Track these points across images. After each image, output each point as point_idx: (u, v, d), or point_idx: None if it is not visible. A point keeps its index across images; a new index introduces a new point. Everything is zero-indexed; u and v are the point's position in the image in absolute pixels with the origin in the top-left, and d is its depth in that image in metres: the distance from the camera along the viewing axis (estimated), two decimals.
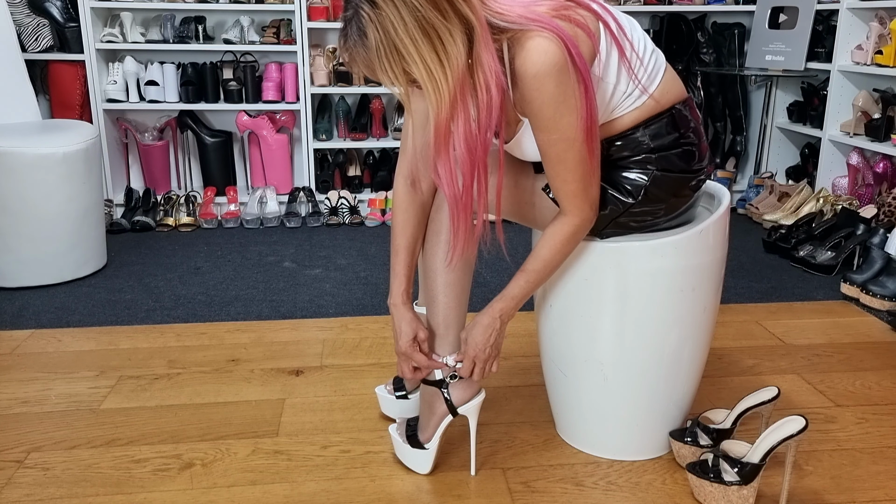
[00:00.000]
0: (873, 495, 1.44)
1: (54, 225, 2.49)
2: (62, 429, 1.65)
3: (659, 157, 1.37)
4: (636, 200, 1.37)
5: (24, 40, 3.12)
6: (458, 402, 1.45)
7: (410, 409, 1.65)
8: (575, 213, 1.32)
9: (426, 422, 1.48)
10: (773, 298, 2.44)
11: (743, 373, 1.93)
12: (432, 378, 1.46)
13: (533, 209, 1.45)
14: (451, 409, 1.45)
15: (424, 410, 1.49)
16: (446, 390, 1.44)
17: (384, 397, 1.67)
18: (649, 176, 1.37)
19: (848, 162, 3.21)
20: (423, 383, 1.47)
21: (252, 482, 1.46)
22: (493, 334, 1.39)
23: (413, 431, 1.50)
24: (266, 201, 3.37)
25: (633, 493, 1.44)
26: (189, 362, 1.97)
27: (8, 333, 2.14)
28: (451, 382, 1.44)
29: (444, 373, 1.44)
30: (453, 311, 1.44)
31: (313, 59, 3.37)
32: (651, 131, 1.36)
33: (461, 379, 1.44)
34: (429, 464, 1.48)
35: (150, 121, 3.49)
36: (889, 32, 2.94)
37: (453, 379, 1.44)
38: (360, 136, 3.46)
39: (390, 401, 1.66)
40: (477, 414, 1.47)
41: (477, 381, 1.44)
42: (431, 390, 1.46)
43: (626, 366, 1.47)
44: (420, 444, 1.47)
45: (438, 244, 1.42)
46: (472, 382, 1.46)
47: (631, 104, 1.35)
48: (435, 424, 1.46)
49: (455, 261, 1.38)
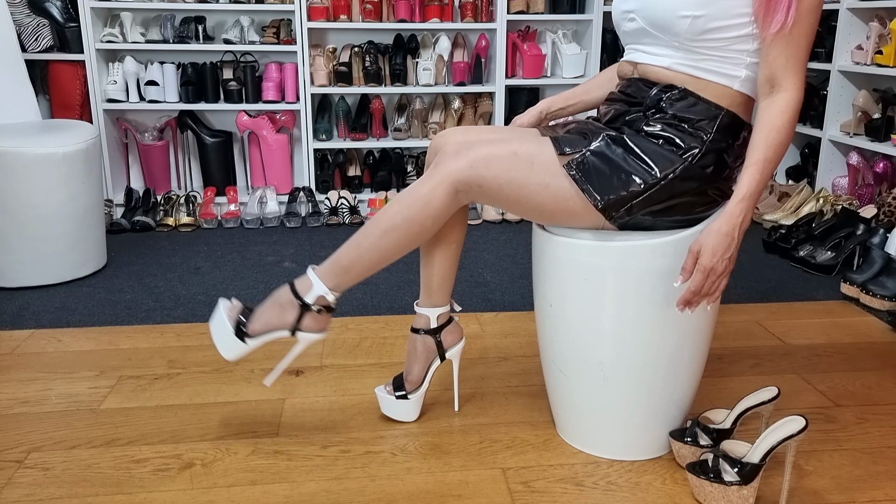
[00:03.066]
0: (873, 495, 1.44)
1: (54, 225, 2.49)
2: (62, 429, 1.65)
3: (707, 150, 1.36)
4: (661, 178, 1.36)
5: (24, 40, 3.12)
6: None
7: (411, 410, 1.66)
8: (794, 88, 1.31)
9: (412, 367, 1.64)
10: (773, 298, 2.44)
11: (743, 373, 1.93)
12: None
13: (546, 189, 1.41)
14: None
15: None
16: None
17: (384, 398, 1.67)
18: (681, 163, 1.36)
19: (848, 162, 3.21)
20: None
21: (252, 482, 1.46)
22: (732, 244, 1.33)
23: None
24: (266, 201, 3.37)
25: (633, 493, 1.44)
26: (189, 362, 1.97)
27: (8, 333, 2.15)
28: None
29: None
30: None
31: (313, 59, 3.37)
32: (724, 121, 1.37)
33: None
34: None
35: (150, 121, 3.49)
36: (889, 32, 2.94)
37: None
38: (360, 136, 3.46)
39: (390, 401, 1.66)
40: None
41: (706, 297, 1.35)
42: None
43: (626, 366, 1.47)
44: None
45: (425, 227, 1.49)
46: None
47: (753, 71, 1.36)
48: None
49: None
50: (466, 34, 3.57)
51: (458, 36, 3.54)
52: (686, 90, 1.38)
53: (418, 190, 1.42)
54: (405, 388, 1.65)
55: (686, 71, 1.38)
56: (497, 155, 1.40)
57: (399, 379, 1.67)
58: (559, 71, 3.56)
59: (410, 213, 1.42)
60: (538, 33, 3.59)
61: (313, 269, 1.51)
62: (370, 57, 3.38)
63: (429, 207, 1.41)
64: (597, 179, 1.38)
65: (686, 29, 1.33)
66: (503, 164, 1.40)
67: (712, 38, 1.34)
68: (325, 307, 1.50)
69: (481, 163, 1.39)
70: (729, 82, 1.37)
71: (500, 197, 1.43)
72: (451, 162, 1.41)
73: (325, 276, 1.49)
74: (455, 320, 1.65)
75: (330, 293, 1.49)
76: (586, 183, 1.38)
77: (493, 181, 1.40)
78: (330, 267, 1.49)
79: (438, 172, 1.41)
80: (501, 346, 2.05)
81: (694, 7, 1.31)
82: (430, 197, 1.41)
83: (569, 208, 1.41)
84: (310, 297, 1.49)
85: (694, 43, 1.35)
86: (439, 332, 1.62)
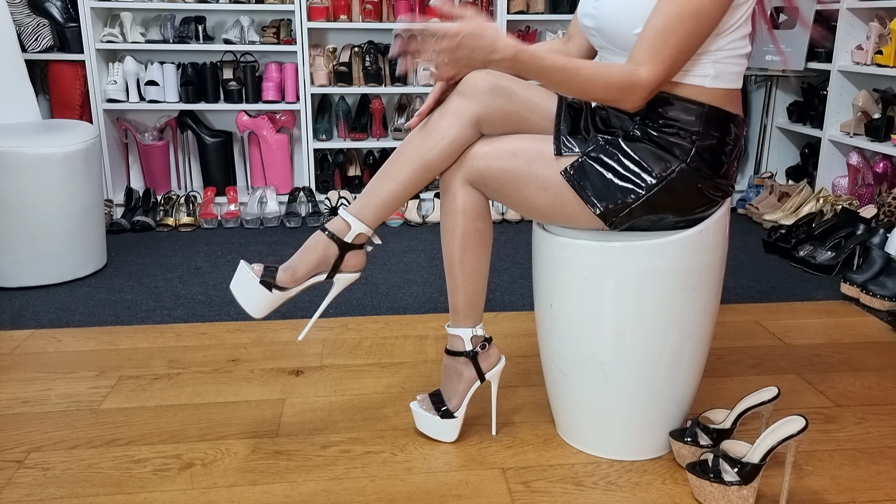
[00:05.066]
0: (873, 495, 1.44)
1: (54, 225, 2.49)
2: (62, 429, 1.65)
3: (698, 149, 1.36)
4: (658, 182, 1.36)
5: (24, 40, 3.12)
6: (485, 369, 1.57)
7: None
8: (642, 65, 1.28)
9: (453, 391, 1.58)
10: (773, 298, 2.44)
11: (743, 373, 1.93)
12: (461, 349, 1.55)
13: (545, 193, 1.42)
14: (479, 375, 1.56)
15: (450, 381, 1.58)
16: (476, 358, 1.56)
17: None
18: (676, 164, 1.36)
19: (848, 162, 3.21)
20: (449, 354, 1.57)
21: (252, 482, 1.46)
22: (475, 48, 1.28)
23: (441, 404, 1.59)
24: (266, 201, 3.37)
25: (633, 493, 1.44)
26: (189, 362, 1.97)
27: (8, 333, 2.15)
28: (479, 352, 1.55)
29: (473, 343, 1.55)
30: (474, 296, 1.53)
31: (313, 59, 3.37)
32: (708, 116, 1.36)
33: (486, 350, 1.56)
34: (456, 431, 1.59)
35: (150, 121, 3.49)
36: (889, 32, 2.94)
37: (482, 349, 1.55)
38: (360, 136, 3.46)
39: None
40: (499, 378, 1.60)
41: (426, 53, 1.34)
42: (460, 360, 1.56)
43: (626, 366, 1.47)
44: (451, 414, 1.58)
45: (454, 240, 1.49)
46: (493, 352, 1.58)
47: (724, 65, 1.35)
48: (463, 392, 1.57)
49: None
50: None
51: None
52: (662, 94, 1.37)
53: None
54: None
55: None
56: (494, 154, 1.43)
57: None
58: None
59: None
60: (538, 33, 3.59)
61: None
62: (370, 57, 3.38)
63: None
64: (595, 185, 1.38)
65: None
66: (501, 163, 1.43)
67: None
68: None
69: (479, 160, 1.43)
70: (700, 81, 1.36)
71: (503, 195, 1.46)
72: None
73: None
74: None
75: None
76: (584, 190, 1.39)
77: (495, 180, 1.44)
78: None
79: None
80: (501, 346, 2.05)
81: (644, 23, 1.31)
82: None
83: (567, 212, 1.42)
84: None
85: None
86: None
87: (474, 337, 1.54)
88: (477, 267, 1.51)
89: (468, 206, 1.46)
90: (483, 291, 1.53)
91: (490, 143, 1.43)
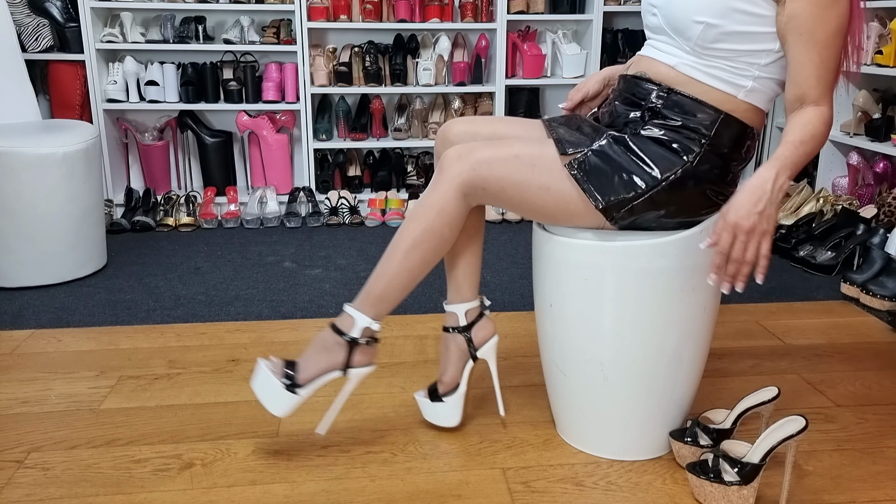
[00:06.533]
0: (873, 495, 1.44)
1: (54, 225, 2.49)
2: (62, 429, 1.65)
3: (707, 151, 1.36)
4: (661, 181, 1.36)
5: (24, 40, 3.12)
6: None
7: (450, 413, 1.61)
8: (827, 103, 1.30)
9: (446, 367, 1.59)
10: (773, 298, 2.44)
11: (743, 373, 1.93)
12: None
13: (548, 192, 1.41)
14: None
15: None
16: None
17: (421, 401, 1.64)
18: (682, 165, 1.36)
19: (848, 162, 3.21)
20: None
21: (252, 482, 1.46)
22: (764, 198, 1.24)
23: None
24: (266, 201, 3.37)
25: (633, 493, 1.44)
26: (189, 362, 1.97)
27: (8, 333, 2.14)
28: (361, 345, 1.48)
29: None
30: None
31: (313, 59, 3.37)
32: (724, 122, 1.36)
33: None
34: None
35: (150, 121, 3.49)
36: (889, 32, 2.94)
37: (367, 344, 1.49)
38: (360, 136, 3.46)
39: (427, 405, 1.63)
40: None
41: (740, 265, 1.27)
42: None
43: (626, 366, 1.47)
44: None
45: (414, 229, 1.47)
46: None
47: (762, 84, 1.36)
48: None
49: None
50: (466, 34, 3.57)
51: (458, 36, 3.54)
52: (684, 94, 1.37)
53: (428, 200, 1.43)
54: (439, 390, 1.61)
55: (690, 74, 1.37)
56: (499, 157, 1.41)
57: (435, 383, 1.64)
58: (559, 71, 3.56)
59: (426, 224, 1.42)
60: (538, 33, 3.59)
61: (349, 305, 1.49)
62: (370, 57, 3.38)
63: (443, 215, 1.42)
64: (598, 180, 1.38)
65: (698, 34, 1.33)
66: (505, 166, 1.41)
67: (724, 49, 1.33)
68: (372, 338, 1.50)
69: (483, 165, 1.41)
70: (734, 91, 1.36)
71: (503, 198, 1.44)
72: (454, 166, 1.42)
73: (363, 308, 1.48)
74: (486, 315, 1.61)
75: (374, 323, 1.47)
76: (587, 183, 1.38)
77: (496, 183, 1.41)
78: (364, 299, 1.48)
79: (443, 178, 1.42)
80: (501, 346, 2.05)
81: (710, 15, 1.30)
82: (442, 203, 1.42)
83: (570, 210, 1.42)
84: (355, 331, 1.47)
85: (704, 49, 1.34)
86: (469, 329, 1.58)
87: (366, 328, 1.47)
88: (416, 266, 1.45)
89: (448, 210, 1.42)
90: (404, 294, 1.48)
91: (492, 148, 1.43)
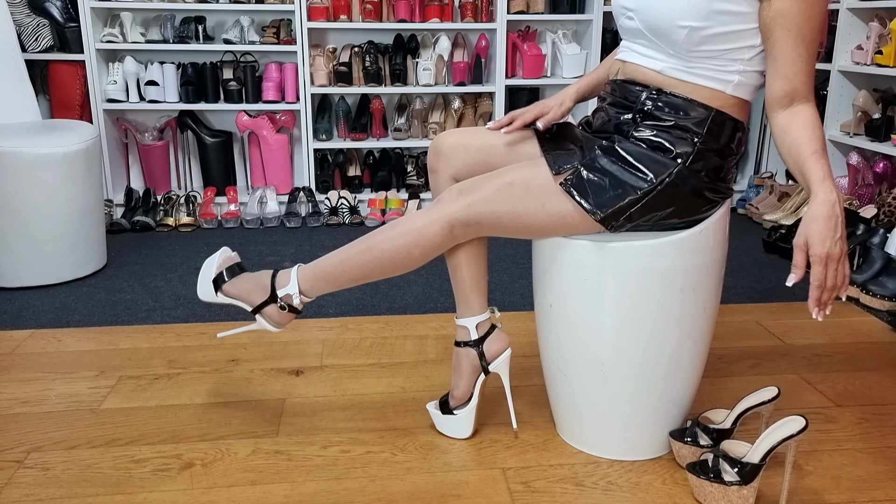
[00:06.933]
0: (873, 495, 1.44)
1: (54, 225, 2.49)
2: (62, 429, 1.65)
3: (700, 150, 1.36)
4: (656, 185, 1.36)
5: (24, 40, 3.12)
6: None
7: (462, 426, 1.60)
8: (813, 98, 1.31)
9: (458, 382, 1.58)
10: (773, 298, 2.44)
11: (743, 373, 1.93)
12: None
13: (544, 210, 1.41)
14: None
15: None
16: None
17: (434, 413, 1.63)
18: (675, 167, 1.35)
19: (848, 162, 3.21)
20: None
21: (252, 482, 1.46)
22: (838, 224, 1.22)
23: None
24: (266, 201, 3.37)
25: (633, 493, 1.44)
26: (189, 362, 1.97)
27: (8, 333, 2.15)
28: (486, 340, 1.54)
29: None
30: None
31: (313, 59, 3.37)
32: (715, 120, 1.36)
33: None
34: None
35: (150, 121, 3.49)
36: (889, 32, 2.94)
37: (484, 342, 1.54)
38: (360, 136, 3.46)
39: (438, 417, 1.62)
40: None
41: (835, 290, 1.26)
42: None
43: (626, 366, 1.47)
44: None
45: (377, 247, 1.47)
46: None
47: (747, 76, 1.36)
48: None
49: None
50: (466, 34, 3.57)
51: (458, 36, 3.54)
52: (674, 94, 1.37)
53: (414, 221, 1.43)
54: (450, 403, 1.60)
55: (677, 76, 1.37)
56: (494, 190, 1.41)
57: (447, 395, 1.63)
58: (559, 71, 3.56)
59: (401, 240, 1.43)
60: (538, 33, 3.59)
61: (300, 267, 1.52)
62: (370, 57, 3.38)
63: (421, 239, 1.43)
64: (593, 192, 1.38)
65: (683, 38, 1.32)
66: (499, 197, 1.41)
67: (708, 49, 1.33)
68: (290, 306, 1.52)
69: (479, 202, 1.41)
70: (722, 87, 1.36)
71: (498, 227, 1.44)
72: (451, 203, 1.43)
73: (304, 277, 1.50)
74: (498, 328, 1.58)
75: (298, 296, 1.50)
76: (582, 197, 1.38)
77: (491, 215, 1.42)
78: (311, 270, 1.50)
79: (437, 210, 1.43)
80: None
81: (694, 18, 1.29)
82: (425, 230, 1.42)
83: (567, 223, 1.42)
84: (281, 291, 1.50)
85: (689, 52, 1.34)
86: (481, 342, 1.56)
87: (287, 295, 1.50)
88: (372, 269, 1.46)
89: (428, 237, 1.42)
90: (347, 286, 1.50)
91: (488, 186, 1.42)
